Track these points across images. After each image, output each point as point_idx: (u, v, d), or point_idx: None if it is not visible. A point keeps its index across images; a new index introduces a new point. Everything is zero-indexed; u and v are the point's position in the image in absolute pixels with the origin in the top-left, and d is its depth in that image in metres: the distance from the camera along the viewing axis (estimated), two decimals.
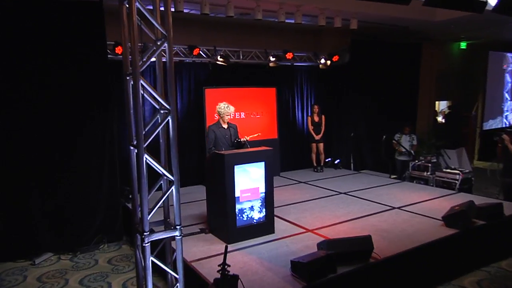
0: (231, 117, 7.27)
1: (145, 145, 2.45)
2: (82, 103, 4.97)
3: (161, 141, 2.56)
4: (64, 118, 4.84)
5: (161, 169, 2.48)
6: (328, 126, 8.35)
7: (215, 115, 7.05)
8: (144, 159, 2.43)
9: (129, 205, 6.02)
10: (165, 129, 2.64)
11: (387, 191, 6.36)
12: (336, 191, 6.44)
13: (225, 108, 4.80)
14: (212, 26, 7.20)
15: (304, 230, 4.59)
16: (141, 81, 2.30)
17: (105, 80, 4.94)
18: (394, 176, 7.58)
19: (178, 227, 2.52)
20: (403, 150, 7.74)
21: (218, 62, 6.92)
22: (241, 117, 7.54)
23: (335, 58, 8.07)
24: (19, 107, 4.61)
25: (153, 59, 2.54)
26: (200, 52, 6.80)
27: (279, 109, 7.98)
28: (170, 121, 2.48)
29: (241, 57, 7.32)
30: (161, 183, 2.73)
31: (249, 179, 4.28)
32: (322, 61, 7.99)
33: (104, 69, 4.94)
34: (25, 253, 4.64)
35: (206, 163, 4.75)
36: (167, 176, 2.55)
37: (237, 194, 4.20)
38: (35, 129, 4.72)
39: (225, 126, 4.90)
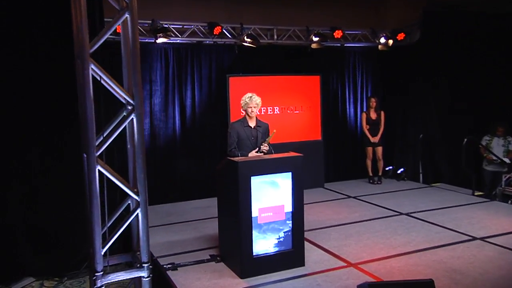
0: (260, 113, 7.04)
1: (99, 152, 2.19)
2: (69, 96, 4.86)
3: (128, 146, 2.30)
4: (47, 113, 4.78)
5: (121, 186, 2.21)
6: (390, 125, 7.96)
7: (242, 111, 6.91)
8: (97, 170, 2.17)
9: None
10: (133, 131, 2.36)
11: (467, 214, 5.89)
12: (395, 211, 6.08)
13: (246, 99, 4.52)
14: None
15: (345, 264, 4.31)
16: (92, 66, 2.04)
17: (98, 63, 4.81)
18: (480, 193, 7.04)
19: (145, 265, 2.23)
20: (494, 157, 7.02)
21: (245, 44, 6.72)
22: (275, 112, 7.35)
23: (400, 36, 7.70)
24: None
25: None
26: (223, 30, 6.64)
27: (324, 102, 7.78)
28: (134, 120, 2.21)
29: (275, 36, 7.15)
30: (129, 203, 2.46)
31: (271, 195, 4.06)
32: (382, 40, 7.59)
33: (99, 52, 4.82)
34: (1, 277, 4.64)
35: (216, 171, 4.51)
36: (130, 195, 2.27)
37: (254, 213, 3.98)
38: (11, 127, 4.71)
39: (252, 124, 4.62)
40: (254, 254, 4.04)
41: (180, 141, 6.94)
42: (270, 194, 4.06)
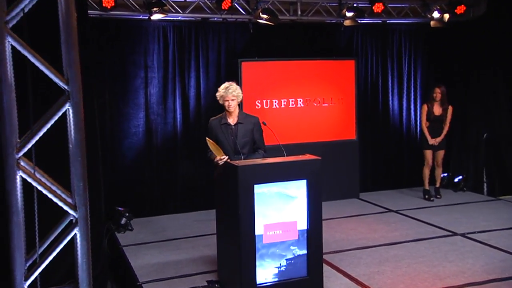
0: (280, 106, 7.06)
1: (21, 152, 2.02)
2: (43, 77, 4.83)
3: (70, 146, 2.13)
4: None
5: (52, 197, 2.05)
6: None
7: (257, 103, 6.81)
8: (18, 177, 2.01)
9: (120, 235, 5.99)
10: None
11: None
12: (447, 230, 5.90)
13: (221, 91, 4.52)
14: None
15: None
16: (10, 39, 1.86)
17: (83, 45, 4.75)
18: None
19: None
20: None
21: (261, 21, 6.57)
22: (298, 105, 7.27)
23: (460, 9, 7.38)
24: None
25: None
26: (235, 4, 6.52)
27: (361, 93, 7.69)
28: (70, 112, 2.04)
29: (299, 12, 6.98)
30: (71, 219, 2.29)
31: (280, 208, 4.02)
32: (436, 15, 7.28)
33: (81, 30, 4.77)
34: None
35: (214, 178, 4.52)
36: (66, 211, 2.11)
37: (258, 231, 3.93)
38: None
39: (233, 120, 4.60)
40: (257, 282, 3.95)
41: (181, 139, 6.90)
42: (279, 207, 3.99)
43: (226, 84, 4.52)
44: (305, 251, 4.05)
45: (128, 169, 6.58)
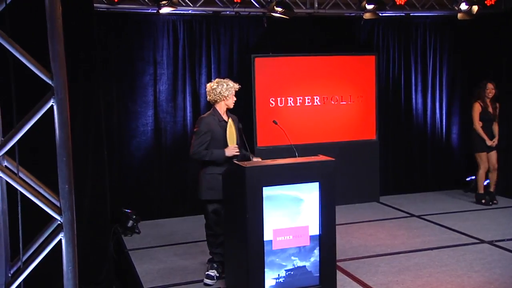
0: (296, 104, 7.07)
1: (2, 151, 1.98)
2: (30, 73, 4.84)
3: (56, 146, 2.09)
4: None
5: (34, 199, 2.00)
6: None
7: (271, 101, 6.80)
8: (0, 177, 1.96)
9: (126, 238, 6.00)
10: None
11: None
12: (474, 238, 5.83)
13: (229, 86, 4.47)
14: None
15: None
16: None
17: (89, 40, 4.76)
18: None
19: None
20: None
21: (276, 15, 6.58)
22: (315, 103, 7.27)
23: (490, 1, 7.34)
24: None
25: None
26: None
27: (381, 91, 7.67)
28: (55, 108, 1.98)
29: (316, 5, 6.99)
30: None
31: (290, 212, 4.00)
32: (464, 6, 7.16)
33: (87, 24, 4.78)
34: None
35: (223, 179, 4.41)
36: (51, 215, 2.06)
37: (267, 236, 3.91)
38: None
39: (226, 118, 4.62)
40: None
41: (191, 139, 6.80)
42: (290, 211, 3.97)
43: (223, 80, 4.53)
44: (305, 263, 3.99)
45: (135, 169, 6.62)
